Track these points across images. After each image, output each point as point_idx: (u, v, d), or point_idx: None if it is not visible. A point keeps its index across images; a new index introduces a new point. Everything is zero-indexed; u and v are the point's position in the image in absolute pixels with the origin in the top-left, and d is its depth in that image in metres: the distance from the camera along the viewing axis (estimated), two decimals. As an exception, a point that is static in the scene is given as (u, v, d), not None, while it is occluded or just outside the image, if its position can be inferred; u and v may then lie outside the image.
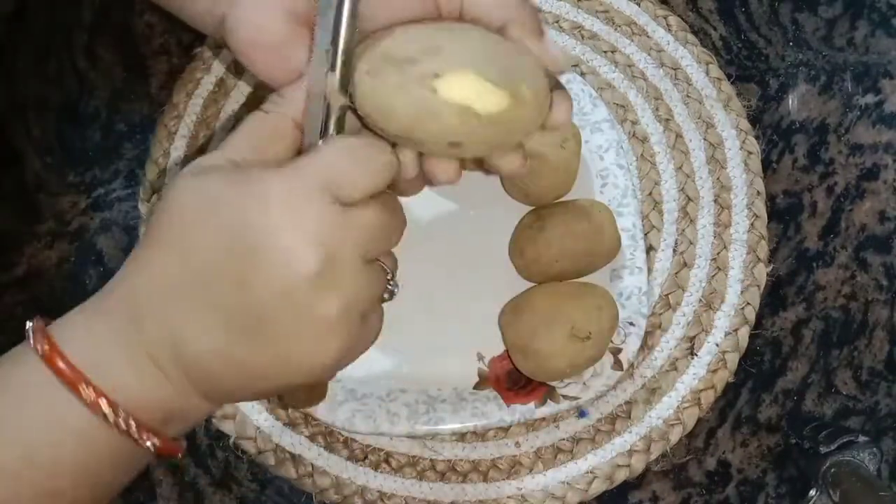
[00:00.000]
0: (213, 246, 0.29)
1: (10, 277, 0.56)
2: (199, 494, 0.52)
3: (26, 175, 0.58)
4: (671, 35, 0.60)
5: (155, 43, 0.61)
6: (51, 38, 0.60)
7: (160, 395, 0.31)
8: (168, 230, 0.30)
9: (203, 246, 0.30)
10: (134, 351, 0.30)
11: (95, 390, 0.29)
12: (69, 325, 0.31)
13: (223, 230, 0.29)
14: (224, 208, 0.29)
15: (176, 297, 0.30)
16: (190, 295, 0.30)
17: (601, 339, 0.49)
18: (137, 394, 0.30)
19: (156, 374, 0.30)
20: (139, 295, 0.30)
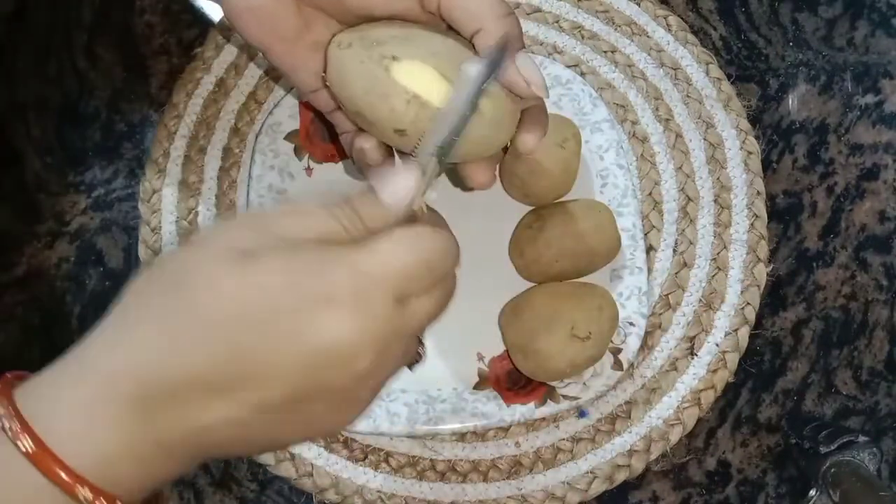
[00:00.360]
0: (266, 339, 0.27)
1: (10, 277, 0.56)
2: (199, 494, 0.52)
3: (26, 175, 0.58)
4: (671, 35, 0.60)
5: (155, 43, 0.61)
6: (51, 38, 0.61)
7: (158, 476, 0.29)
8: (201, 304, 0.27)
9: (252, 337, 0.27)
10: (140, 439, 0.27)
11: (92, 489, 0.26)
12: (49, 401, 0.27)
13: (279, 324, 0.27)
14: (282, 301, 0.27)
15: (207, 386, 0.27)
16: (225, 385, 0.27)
17: (601, 339, 0.49)
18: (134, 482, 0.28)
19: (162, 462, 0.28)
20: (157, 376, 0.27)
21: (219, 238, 0.28)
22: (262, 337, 0.27)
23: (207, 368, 0.27)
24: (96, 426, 0.27)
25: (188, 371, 0.27)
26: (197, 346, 0.27)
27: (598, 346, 0.49)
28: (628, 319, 0.52)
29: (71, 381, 0.27)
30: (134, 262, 0.56)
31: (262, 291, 0.27)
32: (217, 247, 0.28)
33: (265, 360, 0.27)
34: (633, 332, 0.52)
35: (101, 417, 0.27)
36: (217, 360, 0.27)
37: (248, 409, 0.27)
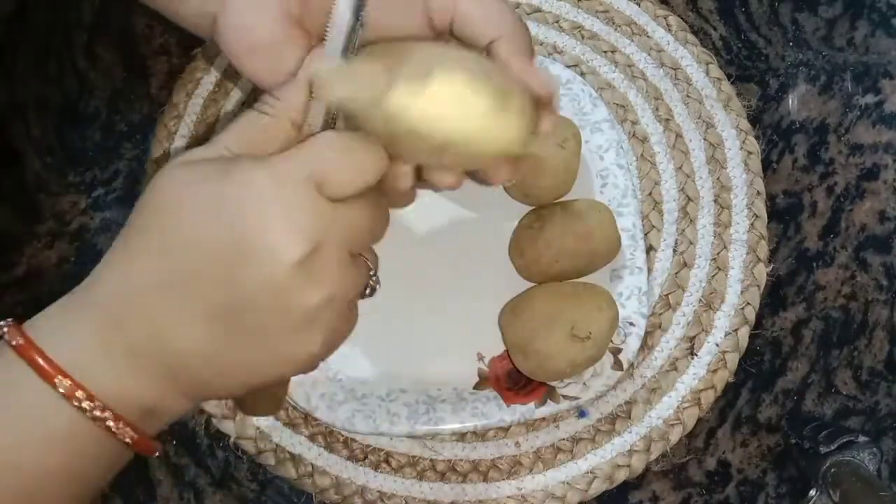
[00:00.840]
0: (196, 240, 0.29)
1: (10, 277, 0.56)
2: (199, 494, 0.52)
3: (26, 175, 0.58)
4: (671, 35, 0.60)
5: (155, 43, 0.61)
6: (51, 38, 0.61)
7: (139, 391, 0.30)
8: (150, 221, 0.30)
9: (185, 237, 0.29)
10: (113, 347, 0.30)
11: (73, 382, 0.29)
12: (45, 321, 0.31)
13: (206, 221, 0.29)
14: (207, 199, 0.29)
15: (158, 291, 0.29)
16: (172, 288, 0.29)
17: (601, 339, 0.49)
18: (116, 389, 0.30)
19: (135, 371, 0.30)
20: (121, 292, 0.30)
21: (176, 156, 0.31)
22: (190, 232, 0.29)
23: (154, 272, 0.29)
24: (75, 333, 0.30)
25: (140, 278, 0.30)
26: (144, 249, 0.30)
27: (598, 346, 0.49)
28: (628, 319, 0.52)
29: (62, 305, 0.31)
30: (134, 262, 0.56)
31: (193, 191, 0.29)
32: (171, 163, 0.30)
33: (199, 259, 0.29)
34: (633, 332, 0.52)
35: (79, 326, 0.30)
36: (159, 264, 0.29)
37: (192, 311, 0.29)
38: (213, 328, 0.29)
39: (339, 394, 0.50)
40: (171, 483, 0.52)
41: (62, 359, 0.29)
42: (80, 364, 0.30)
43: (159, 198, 0.30)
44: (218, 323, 0.29)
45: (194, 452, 0.53)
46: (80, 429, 0.30)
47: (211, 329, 0.29)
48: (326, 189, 0.29)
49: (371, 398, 0.50)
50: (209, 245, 0.29)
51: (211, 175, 0.29)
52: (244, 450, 0.52)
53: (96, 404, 0.29)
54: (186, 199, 0.29)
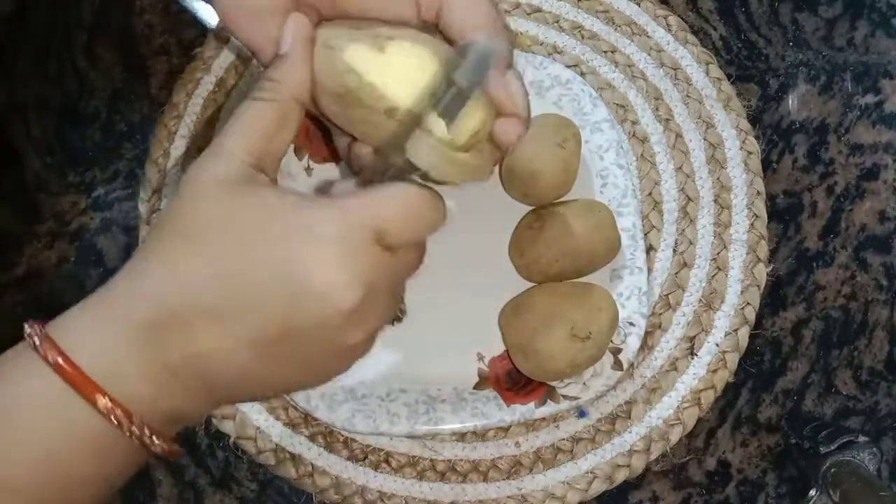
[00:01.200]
0: (257, 270, 0.29)
1: (10, 277, 0.56)
2: (199, 494, 0.52)
3: (26, 175, 0.58)
4: (671, 35, 0.60)
5: (155, 43, 0.61)
6: (51, 38, 0.61)
7: (171, 401, 0.31)
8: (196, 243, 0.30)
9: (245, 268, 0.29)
10: (150, 359, 0.30)
11: (111, 400, 0.29)
12: (75, 327, 0.30)
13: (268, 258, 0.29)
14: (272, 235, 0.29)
15: (204, 318, 0.29)
16: (220, 317, 0.29)
17: (601, 339, 0.49)
18: (150, 401, 0.30)
19: (171, 386, 0.30)
20: (162, 308, 0.30)
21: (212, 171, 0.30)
22: (249, 265, 0.29)
23: (202, 294, 0.29)
24: (111, 346, 0.30)
25: (186, 297, 0.29)
26: (192, 274, 0.29)
27: (598, 346, 0.49)
28: (628, 319, 0.52)
29: (94, 309, 0.30)
30: (134, 262, 0.56)
31: (250, 219, 0.29)
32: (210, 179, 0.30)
33: (253, 289, 0.29)
34: (633, 332, 0.52)
35: (116, 339, 0.30)
36: (209, 287, 0.29)
37: (239, 338, 0.29)
38: (258, 355, 0.30)
39: (339, 394, 0.50)
40: (171, 483, 0.52)
41: (97, 372, 0.29)
42: (116, 376, 0.29)
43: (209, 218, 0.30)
44: (263, 351, 0.30)
45: (194, 452, 0.53)
46: (114, 440, 0.30)
47: (255, 355, 0.30)
48: (386, 240, 0.30)
49: (371, 398, 0.50)
50: (268, 279, 0.29)
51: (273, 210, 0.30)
52: (244, 450, 0.52)
53: (133, 419, 0.30)
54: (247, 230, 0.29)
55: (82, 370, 0.29)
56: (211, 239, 0.30)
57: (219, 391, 0.31)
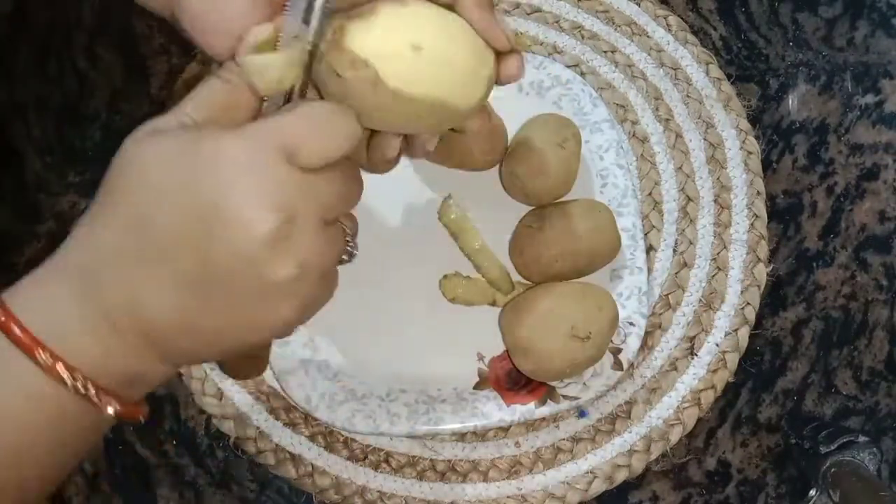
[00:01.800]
0: (168, 209, 0.29)
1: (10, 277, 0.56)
2: (199, 494, 0.52)
3: (26, 175, 0.58)
4: (671, 35, 0.60)
5: (155, 43, 0.61)
6: (51, 38, 0.60)
7: (118, 359, 0.30)
8: (122, 193, 0.30)
9: (157, 209, 0.29)
10: (91, 315, 0.30)
11: (52, 355, 0.29)
12: (23, 291, 0.31)
13: (178, 192, 0.29)
14: (178, 170, 0.29)
15: (132, 262, 0.29)
16: (146, 259, 0.29)
17: (601, 339, 0.49)
18: (96, 358, 0.30)
19: (113, 338, 0.30)
20: (95, 260, 0.30)
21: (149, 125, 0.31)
22: (162, 204, 0.29)
23: (126, 240, 0.29)
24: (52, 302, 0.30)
25: (109, 246, 0.30)
26: (114, 222, 0.30)
27: (598, 346, 0.49)
28: (628, 319, 0.52)
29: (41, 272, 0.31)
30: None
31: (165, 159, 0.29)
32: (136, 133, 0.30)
33: (170, 231, 0.29)
34: (633, 332, 0.52)
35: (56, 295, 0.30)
36: (128, 232, 0.29)
37: (165, 279, 0.29)
38: (186, 297, 0.29)
39: (339, 394, 0.50)
40: (171, 483, 0.52)
41: (41, 330, 0.29)
42: (60, 335, 0.29)
43: (128, 169, 0.30)
44: (190, 292, 0.29)
45: (194, 452, 0.53)
46: (63, 399, 0.30)
47: (183, 297, 0.29)
48: (298, 159, 0.29)
49: (371, 398, 0.50)
50: (180, 217, 0.29)
51: (180, 146, 0.29)
52: (244, 450, 0.52)
53: (77, 377, 0.29)
54: (156, 170, 0.29)
55: (23, 325, 0.29)
56: (131, 185, 0.29)
57: (162, 344, 0.31)
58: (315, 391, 0.50)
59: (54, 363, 0.29)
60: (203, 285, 0.29)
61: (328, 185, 0.31)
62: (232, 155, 0.28)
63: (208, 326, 0.30)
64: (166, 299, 0.29)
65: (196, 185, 0.28)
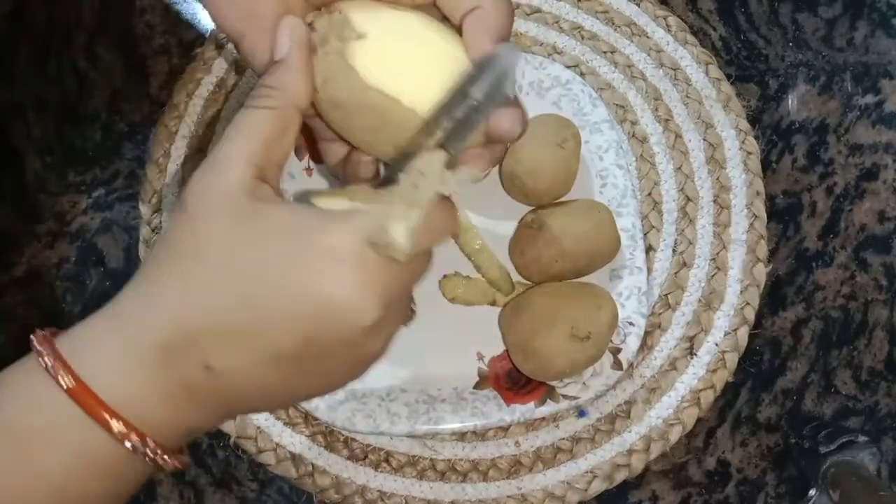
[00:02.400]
0: (277, 293, 0.29)
1: (10, 277, 0.56)
2: (199, 494, 0.52)
3: (26, 175, 0.58)
4: (671, 35, 0.60)
5: (155, 43, 0.61)
6: (51, 38, 0.61)
7: (186, 421, 0.31)
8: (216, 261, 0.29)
9: (266, 292, 0.29)
10: (165, 381, 0.29)
11: (126, 424, 0.29)
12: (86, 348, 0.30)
13: (290, 280, 0.29)
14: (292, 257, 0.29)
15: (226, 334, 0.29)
16: (239, 336, 0.29)
17: (601, 338, 0.49)
18: (163, 422, 0.30)
19: (185, 403, 0.30)
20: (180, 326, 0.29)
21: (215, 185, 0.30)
22: (268, 285, 0.29)
23: (221, 315, 0.29)
24: (127, 368, 0.29)
25: (204, 319, 0.29)
26: (212, 296, 0.29)
27: (598, 346, 0.49)
28: (628, 319, 0.52)
29: (105, 329, 0.30)
30: (134, 262, 0.56)
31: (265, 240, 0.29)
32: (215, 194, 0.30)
33: (275, 311, 0.29)
34: (633, 331, 0.52)
35: (131, 361, 0.29)
36: (230, 310, 0.29)
37: (262, 357, 0.29)
38: (278, 371, 0.30)
39: (339, 393, 0.50)
40: (171, 483, 0.52)
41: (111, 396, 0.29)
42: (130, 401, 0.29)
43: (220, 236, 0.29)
44: (284, 367, 0.30)
45: (194, 452, 0.53)
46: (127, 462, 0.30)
47: (275, 371, 0.30)
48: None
49: (371, 398, 0.50)
50: (286, 299, 0.29)
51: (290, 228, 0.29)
52: (244, 449, 0.52)
53: (148, 443, 0.29)
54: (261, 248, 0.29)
55: (96, 394, 0.28)
56: (226, 260, 0.29)
57: (235, 406, 0.31)
58: (315, 391, 0.50)
59: (128, 433, 0.29)
60: (297, 362, 0.30)
61: (420, 269, 0.32)
62: (346, 249, 0.29)
63: (289, 394, 0.32)
64: (257, 372, 0.30)
65: (309, 273, 0.29)
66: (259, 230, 0.29)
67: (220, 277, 0.29)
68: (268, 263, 0.29)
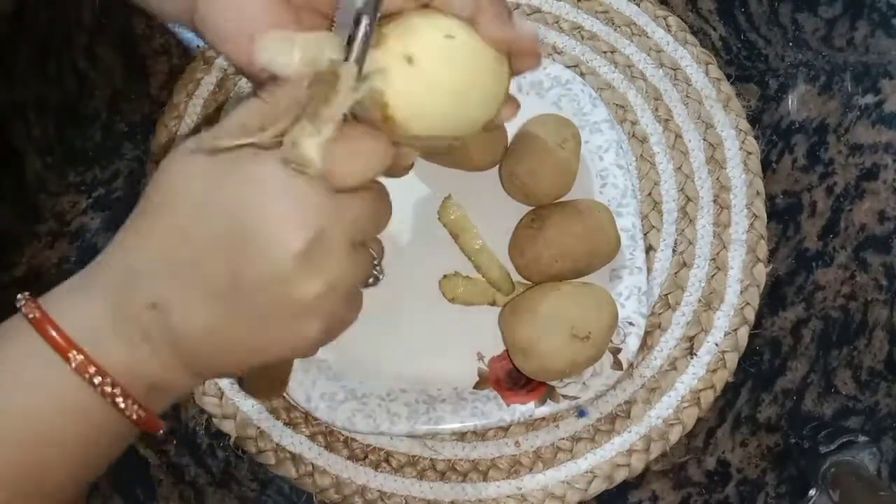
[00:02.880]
0: (205, 223, 0.30)
1: (10, 277, 0.56)
2: (199, 494, 0.52)
3: (26, 175, 0.58)
4: (671, 35, 0.60)
5: (155, 43, 0.61)
6: (51, 38, 0.61)
7: (146, 366, 0.31)
8: (162, 207, 0.31)
9: (195, 223, 0.30)
10: (123, 322, 0.31)
11: (85, 357, 0.30)
12: (58, 295, 0.32)
13: (216, 209, 0.30)
14: (219, 188, 0.30)
15: (166, 272, 0.30)
16: (179, 272, 0.30)
17: (601, 339, 0.49)
18: (125, 364, 0.31)
19: (143, 346, 0.31)
20: (130, 270, 0.31)
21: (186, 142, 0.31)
22: (200, 219, 0.30)
23: (164, 254, 0.30)
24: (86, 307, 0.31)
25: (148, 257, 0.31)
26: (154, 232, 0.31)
27: (598, 346, 0.49)
28: (628, 319, 0.52)
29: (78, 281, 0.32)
30: (134, 262, 0.56)
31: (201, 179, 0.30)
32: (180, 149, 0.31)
33: (204, 242, 0.30)
34: (633, 331, 0.52)
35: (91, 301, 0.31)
36: (171, 246, 0.30)
37: (202, 293, 0.30)
38: (215, 308, 0.30)
39: (340, 393, 0.50)
40: (171, 483, 0.52)
41: (75, 333, 0.30)
42: (92, 339, 0.30)
43: (169, 184, 0.31)
44: (219, 304, 0.30)
45: (194, 452, 0.53)
46: (90, 402, 0.30)
47: (212, 309, 0.30)
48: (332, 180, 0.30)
49: (371, 398, 0.50)
50: (216, 231, 0.30)
51: (223, 165, 0.30)
52: (244, 449, 0.52)
53: (106, 380, 0.30)
54: (198, 187, 0.30)
55: (59, 327, 0.30)
56: (171, 200, 0.30)
57: (188, 354, 0.31)
58: (315, 391, 0.50)
59: (86, 365, 0.30)
60: (232, 298, 0.30)
61: (359, 206, 0.31)
62: (266, 175, 0.29)
63: (234, 339, 0.31)
64: (196, 310, 0.30)
65: (234, 202, 0.29)
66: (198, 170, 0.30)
67: (158, 215, 0.31)
68: (206, 197, 0.30)
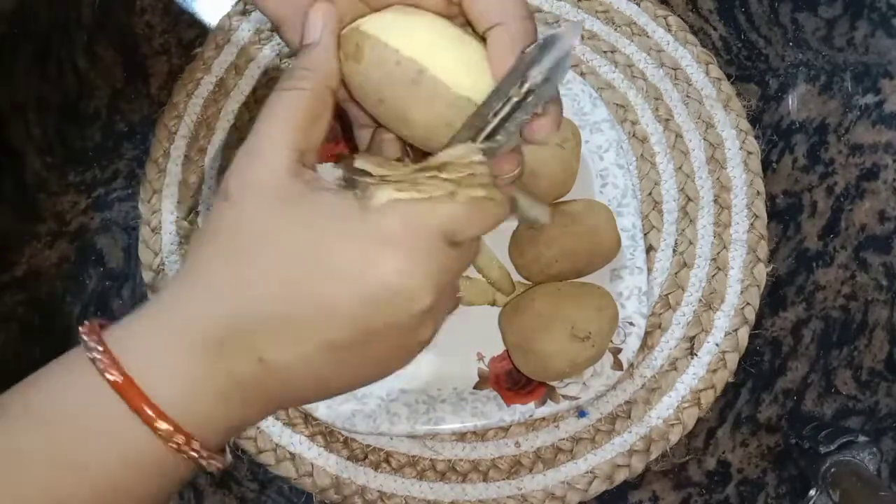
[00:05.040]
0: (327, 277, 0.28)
1: (10, 277, 0.56)
2: (199, 494, 0.52)
3: (26, 175, 0.58)
4: (671, 35, 0.60)
5: (155, 43, 0.61)
6: (51, 37, 0.61)
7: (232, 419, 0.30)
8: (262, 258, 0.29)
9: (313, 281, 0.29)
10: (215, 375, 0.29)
11: (172, 424, 0.28)
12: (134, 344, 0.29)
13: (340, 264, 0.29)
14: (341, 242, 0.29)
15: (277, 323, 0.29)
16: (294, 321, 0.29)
17: (601, 339, 0.49)
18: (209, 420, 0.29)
19: (235, 397, 0.29)
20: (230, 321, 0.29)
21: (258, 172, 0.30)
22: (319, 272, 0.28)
23: (274, 307, 0.29)
24: (176, 364, 0.28)
25: (257, 311, 0.28)
26: (263, 286, 0.29)
27: (598, 346, 0.49)
28: (628, 319, 0.52)
29: (154, 323, 0.29)
30: (134, 262, 0.56)
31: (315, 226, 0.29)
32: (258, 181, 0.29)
33: (329, 299, 0.28)
34: (633, 331, 0.52)
35: (181, 357, 0.28)
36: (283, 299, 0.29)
37: (317, 347, 0.29)
38: (332, 360, 0.30)
39: (339, 394, 0.50)
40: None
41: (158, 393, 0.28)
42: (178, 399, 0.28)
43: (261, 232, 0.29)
44: (337, 355, 0.30)
45: (194, 452, 0.53)
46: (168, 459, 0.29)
47: (329, 360, 0.30)
48: (453, 238, 0.30)
49: (371, 398, 0.50)
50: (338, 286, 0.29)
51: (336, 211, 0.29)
52: (244, 449, 0.52)
53: (193, 445, 0.29)
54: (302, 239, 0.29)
55: (143, 391, 0.28)
56: (274, 248, 0.29)
57: (285, 399, 0.31)
58: (315, 391, 0.50)
59: (172, 434, 0.28)
60: (350, 349, 0.30)
61: (470, 254, 0.32)
62: (395, 235, 0.29)
63: (343, 380, 0.31)
64: (309, 362, 0.29)
65: (362, 259, 0.28)
66: (308, 216, 0.29)
67: (271, 266, 0.29)
68: (319, 250, 0.29)
